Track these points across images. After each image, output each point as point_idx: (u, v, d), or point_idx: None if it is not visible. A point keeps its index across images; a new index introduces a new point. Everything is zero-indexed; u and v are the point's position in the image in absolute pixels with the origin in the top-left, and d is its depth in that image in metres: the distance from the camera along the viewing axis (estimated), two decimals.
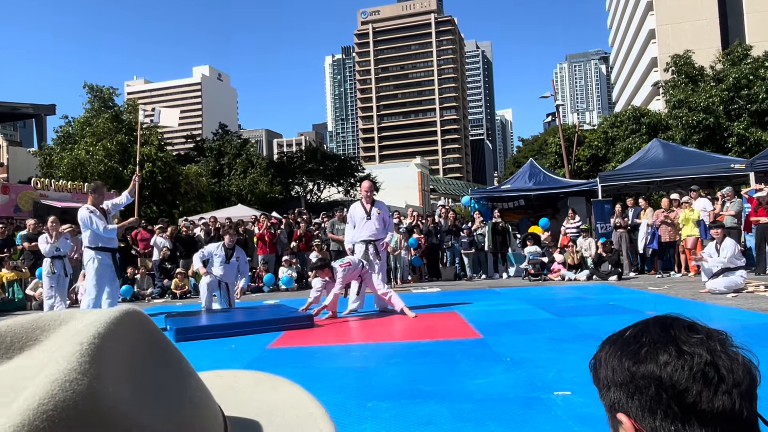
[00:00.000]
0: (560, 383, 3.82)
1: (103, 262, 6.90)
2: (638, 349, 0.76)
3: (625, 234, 12.81)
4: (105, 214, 6.99)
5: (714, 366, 0.71)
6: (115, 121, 27.34)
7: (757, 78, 22.30)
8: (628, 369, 0.76)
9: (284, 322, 6.71)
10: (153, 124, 8.76)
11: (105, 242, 6.94)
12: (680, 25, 46.38)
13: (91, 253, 6.90)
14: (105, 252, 6.93)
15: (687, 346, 0.73)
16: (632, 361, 0.76)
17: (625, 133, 27.19)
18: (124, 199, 7.32)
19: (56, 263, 8.40)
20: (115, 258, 7.04)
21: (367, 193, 7.93)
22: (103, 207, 7.04)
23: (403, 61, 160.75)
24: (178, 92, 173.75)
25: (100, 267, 6.87)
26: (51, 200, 17.62)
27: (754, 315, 6.48)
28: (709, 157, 14.72)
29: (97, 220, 6.79)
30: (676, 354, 0.73)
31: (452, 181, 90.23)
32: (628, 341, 0.78)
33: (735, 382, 0.70)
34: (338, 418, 3.36)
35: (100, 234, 6.83)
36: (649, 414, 0.73)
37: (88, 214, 6.77)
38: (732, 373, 0.71)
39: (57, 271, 8.34)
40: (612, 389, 0.78)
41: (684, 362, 0.72)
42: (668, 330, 0.76)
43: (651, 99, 48.77)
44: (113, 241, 7.05)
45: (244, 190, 32.57)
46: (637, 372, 0.74)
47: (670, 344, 0.74)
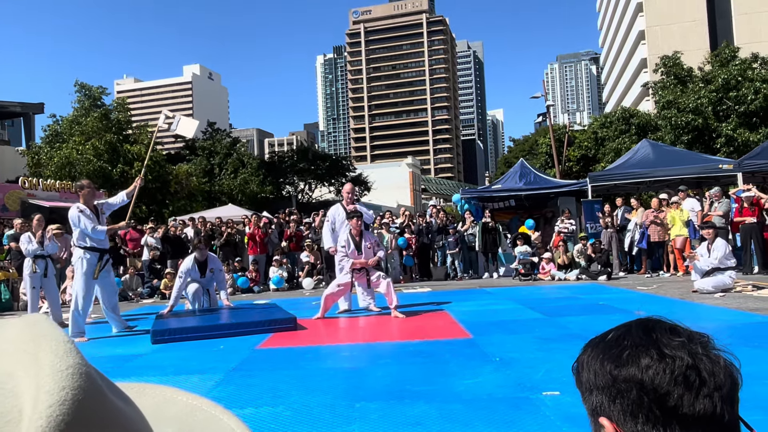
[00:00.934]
0: (549, 383, 3.82)
1: (92, 262, 6.83)
2: (620, 353, 0.75)
3: (615, 234, 12.89)
4: (97, 213, 6.91)
5: (695, 369, 0.71)
6: (104, 120, 27.11)
7: (745, 79, 22.50)
8: (610, 372, 0.75)
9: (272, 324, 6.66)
10: (171, 131, 8.58)
11: (96, 242, 6.86)
12: (669, 26, 46.71)
13: (80, 252, 6.86)
14: (94, 252, 6.86)
15: (668, 349, 0.73)
16: (614, 365, 0.75)
17: (615, 133, 27.34)
18: (119, 200, 7.26)
19: (39, 263, 8.12)
20: (103, 258, 6.97)
21: (349, 195, 7.89)
22: (96, 205, 6.97)
23: (394, 60, 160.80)
24: (169, 91, 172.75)
25: (88, 267, 6.80)
26: (39, 199, 17.45)
27: (741, 314, 6.53)
28: (698, 157, 14.84)
29: (86, 220, 6.72)
30: (657, 357, 0.72)
31: (443, 180, 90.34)
32: (610, 344, 0.78)
33: (716, 386, 0.70)
34: (327, 419, 3.35)
35: (86, 233, 6.77)
36: (630, 418, 0.72)
37: (78, 213, 6.71)
38: (713, 377, 0.70)
39: (39, 271, 8.06)
40: (594, 393, 0.77)
41: (665, 366, 0.71)
42: (650, 333, 0.76)
43: (641, 100, 49.07)
44: (104, 242, 6.97)
45: (235, 190, 32.42)
46: (619, 375, 0.74)
47: (652, 347, 0.73)
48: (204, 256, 8.12)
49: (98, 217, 6.90)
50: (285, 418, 3.41)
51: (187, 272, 8.02)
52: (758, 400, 3.15)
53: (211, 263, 8.25)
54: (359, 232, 7.61)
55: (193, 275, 8.06)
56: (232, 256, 13.70)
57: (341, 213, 7.88)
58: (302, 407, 3.60)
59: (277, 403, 3.73)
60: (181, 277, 7.99)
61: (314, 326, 7.06)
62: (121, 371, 5.01)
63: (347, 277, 7.53)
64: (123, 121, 28.59)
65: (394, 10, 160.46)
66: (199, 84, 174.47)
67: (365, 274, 7.60)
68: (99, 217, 6.91)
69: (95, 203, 7.01)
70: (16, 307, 11.28)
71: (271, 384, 4.24)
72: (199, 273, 8.08)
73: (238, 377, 4.53)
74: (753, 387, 3.38)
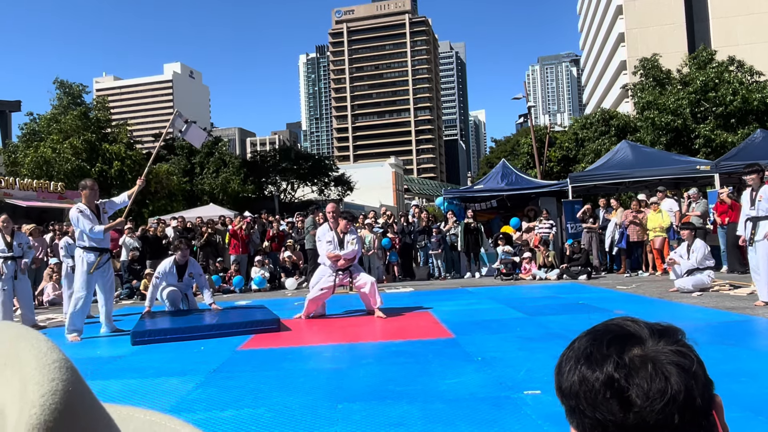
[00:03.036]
0: (530, 382, 3.85)
1: (91, 262, 6.84)
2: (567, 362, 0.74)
3: (595, 234, 13.03)
4: (99, 212, 6.94)
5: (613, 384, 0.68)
6: (83, 119, 26.71)
7: (722, 81, 22.90)
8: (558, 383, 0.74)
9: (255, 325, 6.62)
10: (179, 136, 8.46)
11: (95, 241, 6.88)
12: (648, 29, 47.38)
13: (80, 252, 6.91)
14: (94, 251, 6.88)
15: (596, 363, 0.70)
16: (560, 376, 0.74)
17: (595, 134, 27.64)
18: (120, 200, 7.30)
19: (8, 265, 7.82)
20: (102, 258, 6.94)
21: (332, 214, 7.79)
22: (98, 204, 6.99)
23: (377, 60, 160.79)
24: (149, 89, 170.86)
25: (88, 267, 6.83)
26: (16, 199, 17.15)
27: (718, 313, 6.64)
28: (676, 159, 15.06)
29: (84, 220, 6.75)
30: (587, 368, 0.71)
31: (426, 181, 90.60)
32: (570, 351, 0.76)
33: (647, 397, 0.67)
34: (309, 420, 3.33)
35: (87, 233, 6.79)
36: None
37: (77, 213, 6.77)
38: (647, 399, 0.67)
39: (7, 272, 7.76)
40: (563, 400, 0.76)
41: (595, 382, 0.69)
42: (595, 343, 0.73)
43: (620, 101, 49.71)
44: (104, 241, 6.98)
45: (216, 189, 32.16)
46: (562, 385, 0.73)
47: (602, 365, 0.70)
48: (185, 258, 7.95)
49: (99, 216, 6.93)
50: (266, 420, 3.38)
51: (164, 275, 7.79)
52: (735, 398, 3.20)
53: (191, 268, 8.02)
54: (345, 231, 7.66)
55: (170, 279, 7.83)
56: (213, 257, 13.58)
57: (331, 234, 7.74)
58: (284, 409, 3.58)
59: (259, 405, 3.70)
60: (158, 278, 7.77)
61: (296, 327, 7.03)
62: (101, 373, 4.94)
63: (330, 281, 7.50)
64: (102, 119, 28.21)
65: (377, 10, 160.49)
66: (180, 82, 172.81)
67: (348, 275, 7.59)
68: (101, 216, 6.95)
69: (97, 202, 7.02)
70: None
71: (252, 385, 4.21)
72: (177, 276, 7.88)
73: (219, 379, 4.49)
74: (729, 385, 3.43)
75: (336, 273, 7.50)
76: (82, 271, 6.82)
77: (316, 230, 12.44)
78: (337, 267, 7.51)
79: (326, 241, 7.61)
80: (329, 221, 7.80)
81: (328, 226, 7.77)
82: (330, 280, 7.49)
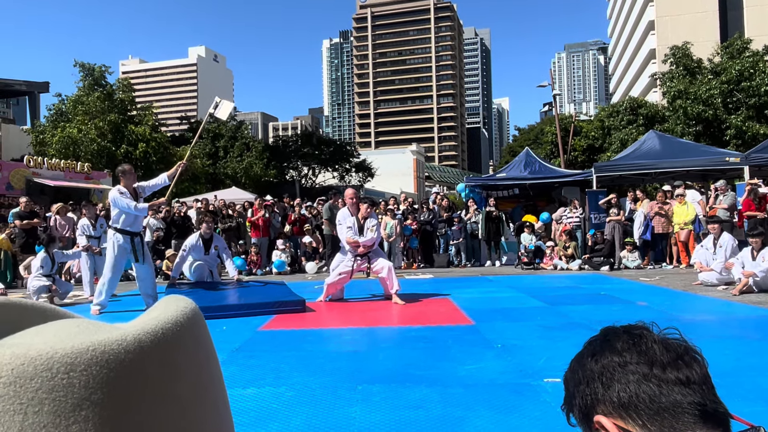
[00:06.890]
0: (550, 370, 3.83)
1: (121, 244, 7.03)
2: (593, 349, 0.80)
3: (619, 225, 12.84)
4: (136, 195, 7.16)
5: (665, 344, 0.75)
6: (107, 101, 27.00)
7: (757, 72, 22.28)
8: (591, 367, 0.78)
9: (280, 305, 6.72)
10: (211, 120, 8.69)
11: (128, 225, 7.04)
12: (679, 17, 46.23)
13: (111, 233, 7.12)
14: (126, 234, 7.05)
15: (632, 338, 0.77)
16: (593, 359, 0.79)
17: (622, 123, 27.17)
18: (160, 181, 7.49)
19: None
20: (134, 241, 7.11)
21: (352, 200, 7.77)
22: (135, 188, 7.21)
23: (401, 46, 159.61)
24: (174, 72, 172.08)
25: (118, 249, 7.03)
26: (44, 178, 17.44)
27: (743, 307, 6.52)
28: (705, 149, 14.72)
29: (127, 200, 6.94)
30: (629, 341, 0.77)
31: (447, 168, 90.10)
32: (582, 353, 0.82)
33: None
34: (329, 400, 3.37)
35: (130, 212, 6.96)
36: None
37: (118, 194, 6.97)
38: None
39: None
40: (585, 385, 0.78)
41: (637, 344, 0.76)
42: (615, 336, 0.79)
43: (648, 90, 48.70)
44: (136, 225, 7.16)
45: (240, 173, 32.41)
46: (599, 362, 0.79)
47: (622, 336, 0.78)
48: (210, 231, 8.23)
49: (137, 199, 7.13)
50: (287, 399, 3.43)
51: (191, 248, 8.11)
52: (761, 392, 3.15)
53: (216, 241, 8.36)
54: (366, 216, 7.66)
55: (196, 251, 8.13)
56: (235, 239, 13.71)
57: (351, 219, 7.74)
58: (304, 388, 3.62)
59: (280, 384, 3.75)
60: (185, 250, 8.08)
61: (317, 309, 7.09)
62: None
63: (348, 265, 7.53)
64: (127, 101, 28.48)
65: None
66: (204, 66, 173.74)
67: (367, 260, 7.60)
68: (137, 199, 7.15)
69: (134, 186, 7.23)
70: (20, 285, 11.32)
71: (273, 365, 4.26)
72: (203, 249, 8.16)
73: (241, 358, 4.56)
74: (755, 378, 3.37)
75: (354, 258, 7.54)
76: (113, 254, 7.02)
77: (328, 219, 12.60)
78: (356, 253, 7.54)
79: (347, 227, 7.64)
80: (348, 207, 7.80)
81: (349, 211, 7.77)
82: (348, 265, 7.54)
